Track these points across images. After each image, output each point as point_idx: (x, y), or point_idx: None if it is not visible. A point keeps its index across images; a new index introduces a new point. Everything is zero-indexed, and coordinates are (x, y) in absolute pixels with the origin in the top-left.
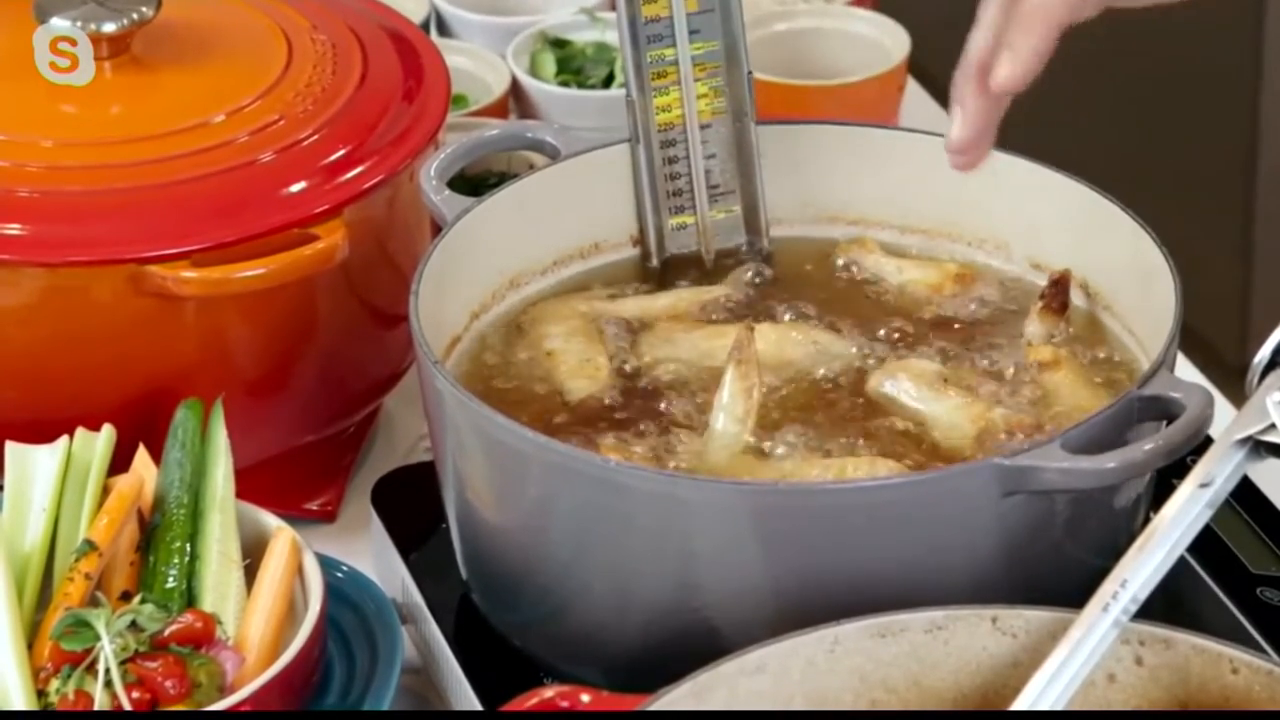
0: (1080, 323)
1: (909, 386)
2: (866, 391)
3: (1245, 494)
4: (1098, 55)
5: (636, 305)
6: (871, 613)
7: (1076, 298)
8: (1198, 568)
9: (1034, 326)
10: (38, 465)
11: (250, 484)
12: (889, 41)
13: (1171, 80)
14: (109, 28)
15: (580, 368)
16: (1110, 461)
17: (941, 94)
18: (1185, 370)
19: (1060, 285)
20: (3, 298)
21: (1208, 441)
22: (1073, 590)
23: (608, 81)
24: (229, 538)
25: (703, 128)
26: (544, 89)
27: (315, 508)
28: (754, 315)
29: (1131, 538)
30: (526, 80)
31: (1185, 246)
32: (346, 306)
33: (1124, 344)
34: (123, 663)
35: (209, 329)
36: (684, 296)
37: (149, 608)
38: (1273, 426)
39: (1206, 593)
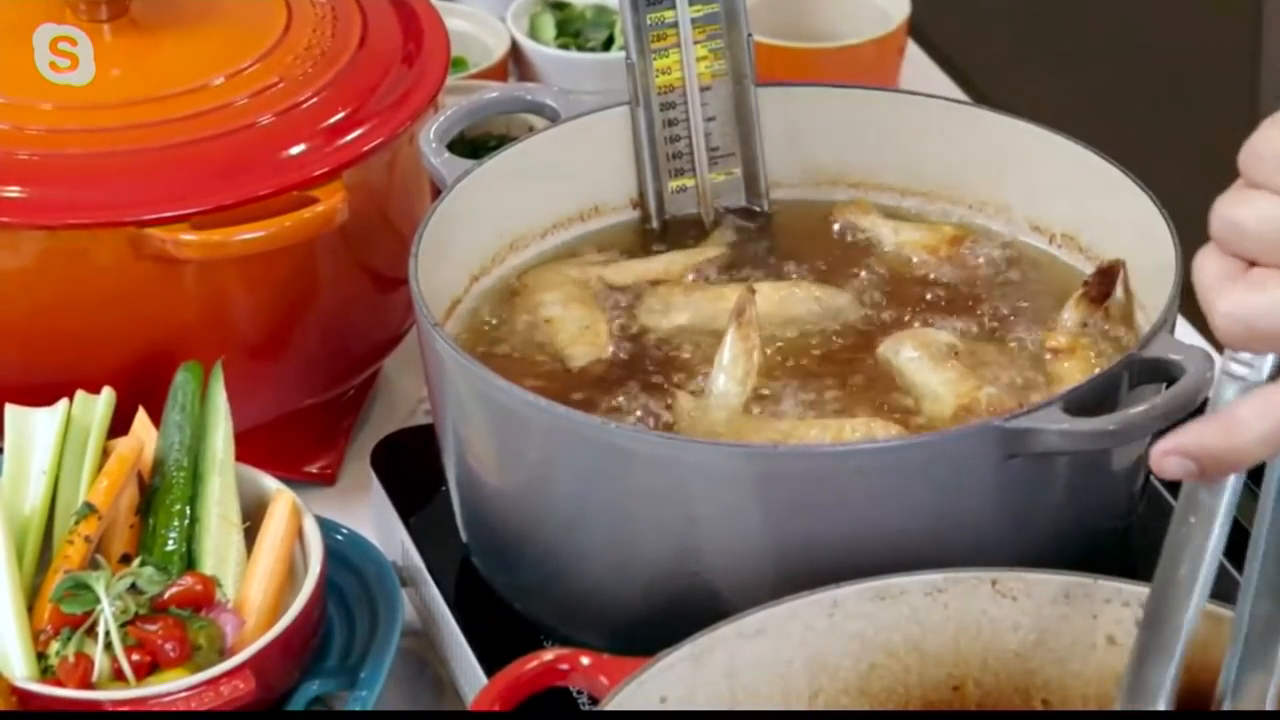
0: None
1: (911, 353)
2: (875, 355)
3: None
4: (1100, 17)
5: (630, 270)
6: (871, 576)
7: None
8: None
9: (1069, 312)
10: (37, 428)
11: (250, 447)
12: (888, 4)
13: (1173, 43)
14: None
15: (580, 334)
16: (1110, 424)
17: (940, 56)
18: (1185, 333)
19: (1107, 275)
20: (3, 261)
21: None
22: (1073, 553)
23: (607, 44)
24: (229, 500)
25: (703, 90)
26: (543, 52)
27: (315, 470)
28: (752, 276)
29: (1132, 500)
30: (526, 43)
31: (1186, 209)
32: (346, 269)
33: (1122, 304)
34: (122, 625)
35: (209, 292)
36: (676, 259)
37: (149, 570)
38: None
39: None
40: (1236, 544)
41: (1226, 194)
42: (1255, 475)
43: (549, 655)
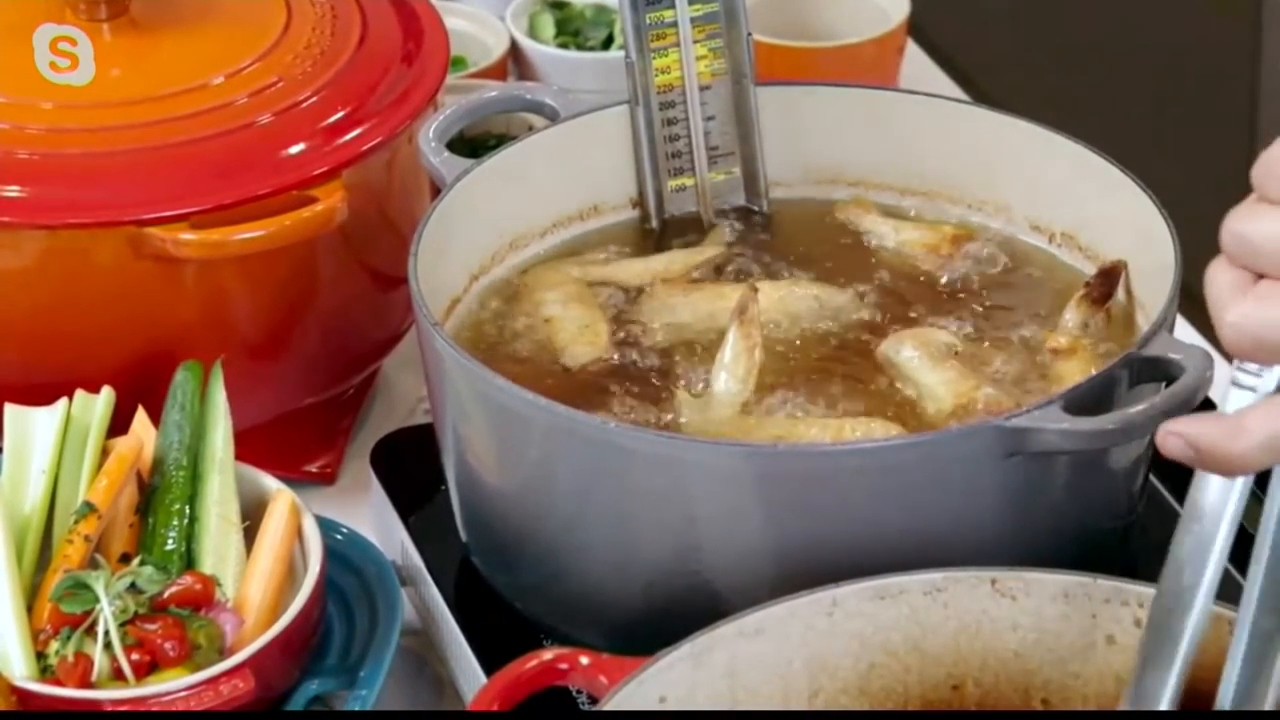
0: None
1: (910, 353)
2: (875, 354)
3: None
4: (1100, 17)
5: (630, 269)
6: (871, 575)
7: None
8: None
9: (1070, 313)
10: (37, 427)
11: (250, 446)
12: (888, 4)
13: (1173, 43)
14: None
15: (580, 334)
16: (1110, 423)
17: (940, 56)
18: (1185, 332)
19: (1109, 276)
20: (3, 260)
21: (1207, 403)
22: (1073, 553)
23: (607, 43)
24: (228, 500)
25: (702, 89)
26: (543, 51)
27: (315, 470)
28: (752, 276)
29: (1132, 499)
30: (525, 42)
31: (1186, 209)
32: (346, 269)
33: (1123, 305)
34: (122, 625)
35: (208, 291)
36: (676, 259)
37: (148, 570)
38: None
39: None
40: (1240, 547)
41: (1238, 208)
42: (1261, 481)
43: (548, 655)
